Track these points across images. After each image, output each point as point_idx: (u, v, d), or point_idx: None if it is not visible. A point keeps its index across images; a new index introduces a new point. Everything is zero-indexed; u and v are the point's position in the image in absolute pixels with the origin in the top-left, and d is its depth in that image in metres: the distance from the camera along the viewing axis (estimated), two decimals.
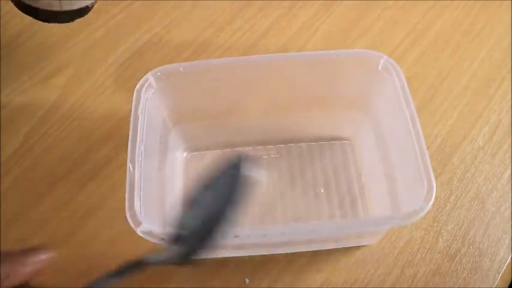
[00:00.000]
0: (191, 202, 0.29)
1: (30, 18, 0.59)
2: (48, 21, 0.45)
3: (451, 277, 0.42)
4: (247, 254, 0.43)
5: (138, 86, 0.40)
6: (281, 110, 0.44)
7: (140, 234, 0.34)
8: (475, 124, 0.50)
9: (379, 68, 0.42)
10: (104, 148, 0.49)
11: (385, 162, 0.43)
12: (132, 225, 0.34)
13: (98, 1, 0.47)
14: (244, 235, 0.35)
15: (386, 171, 0.43)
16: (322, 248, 0.43)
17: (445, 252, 0.43)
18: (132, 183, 0.36)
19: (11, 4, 0.60)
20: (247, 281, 0.42)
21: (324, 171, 0.47)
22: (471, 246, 0.43)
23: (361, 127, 0.47)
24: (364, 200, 0.44)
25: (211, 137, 0.48)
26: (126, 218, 0.34)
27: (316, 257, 0.43)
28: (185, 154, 0.47)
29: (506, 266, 0.43)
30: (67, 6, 0.43)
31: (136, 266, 0.29)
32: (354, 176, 0.47)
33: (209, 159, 0.47)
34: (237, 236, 0.35)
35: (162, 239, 0.34)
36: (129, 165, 0.37)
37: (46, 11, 0.43)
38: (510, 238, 0.44)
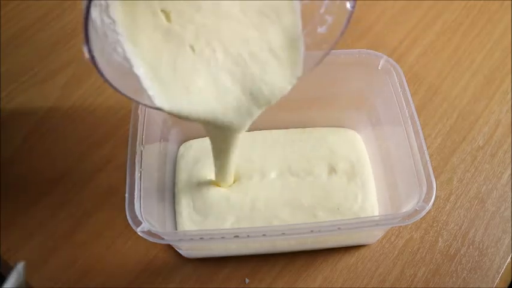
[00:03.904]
0: None
1: (30, 18, 0.60)
2: None
3: (451, 277, 0.42)
4: (247, 254, 0.43)
5: None
6: (280, 110, 0.44)
7: (140, 234, 0.34)
8: (475, 124, 0.50)
9: (379, 68, 0.42)
10: (103, 148, 0.49)
11: (386, 162, 0.43)
12: (132, 225, 0.34)
13: None
14: (244, 235, 0.35)
15: (387, 171, 0.43)
16: (322, 248, 0.43)
17: (445, 252, 0.43)
18: (132, 183, 0.36)
19: (11, 4, 0.61)
20: (247, 281, 0.42)
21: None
22: (471, 246, 0.43)
23: (361, 127, 0.47)
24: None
25: None
26: (126, 218, 0.34)
27: (316, 256, 0.43)
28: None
29: (506, 266, 0.43)
30: None
31: None
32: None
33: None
34: (237, 236, 0.35)
35: (162, 238, 0.34)
36: (128, 164, 0.37)
37: None
38: (510, 238, 0.44)
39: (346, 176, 0.44)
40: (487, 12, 0.59)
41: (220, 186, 0.44)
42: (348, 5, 0.31)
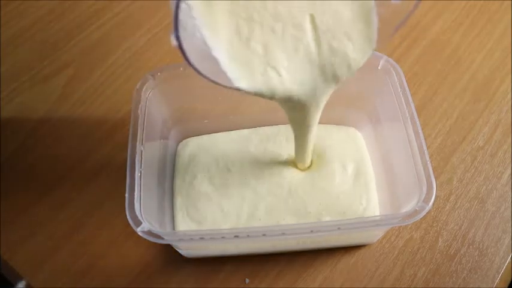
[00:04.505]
0: None
1: (30, 18, 0.60)
2: None
3: (451, 277, 0.42)
4: (247, 254, 0.43)
5: (138, 86, 0.40)
6: (280, 110, 0.44)
7: (140, 234, 0.34)
8: (475, 124, 0.50)
9: (379, 68, 0.42)
10: (103, 148, 0.49)
11: (386, 162, 0.43)
12: (132, 225, 0.34)
13: (98, 1, 0.47)
14: (244, 235, 0.35)
15: (387, 171, 0.43)
16: (322, 248, 0.43)
17: (444, 252, 0.43)
18: (132, 183, 0.36)
19: (12, 4, 0.61)
20: (247, 281, 0.42)
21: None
22: (471, 246, 0.43)
23: (361, 127, 0.47)
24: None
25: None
26: (126, 218, 0.34)
27: (316, 257, 0.43)
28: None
29: (506, 266, 0.43)
30: None
31: None
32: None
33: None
34: (237, 236, 0.35)
35: (162, 238, 0.34)
36: (128, 164, 0.37)
37: None
38: (510, 238, 0.44)
39: (353, 177, 0.44)
40: (487, 12, 0.59)
41: (297, 168, 0.44)
42: None
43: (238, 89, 0.32)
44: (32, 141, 0.50)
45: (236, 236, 0.35)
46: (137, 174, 0.36)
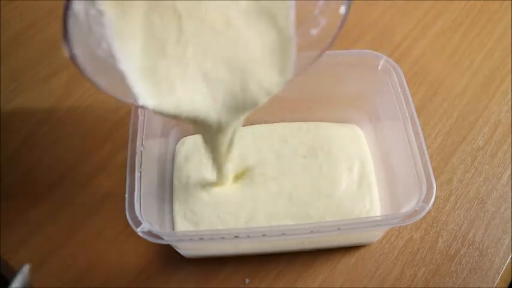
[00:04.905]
0: None
1: (30, 18, 0.59)
2: None
3: (451, 277, 0.42)
4: (247, 254, 0.43)
5: None
6: (280, 110, 0.44)
7: (140, 234, 0.34)
8: (475, 124, 0.50)
9: (379, 68, 0.42)
10: (103, 148, 0.49)
11: (386, 162, 0.43)
12: (132, 226, 0.34)
13: None
14: (244, 235, 0.35)
15: (387, 171, 0.43)
16: (322, 248, 0.43)
17: (444, 253, 0.43)
18: (132, 183, 0.36)
19: (12, 4, 0.61)
20: (247, 281, 0.42)
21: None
22: (471, 247, 0.43)
23: (361, 127, 0.47)
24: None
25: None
26: (126, 218, 0.34)
27: (316, 257, 0.43)
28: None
29: (506, 266, 0.43)
30: None
31: None
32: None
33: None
34: (236, 237, 0.35)
35: (162, 238, 0.34)
36: (128, 164, 0.37)
37: None
38: (510, 238, 0.44)
39: (358, 179, 0.44)
40: (487, 12, 0.59)
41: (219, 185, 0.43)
42: (342, 9, 0.30)
43: (141, 107, 0.31)
44: (32, 141, 0.50)
45: (236, 237, 0.35)
46: (137, 174, 0.36)
